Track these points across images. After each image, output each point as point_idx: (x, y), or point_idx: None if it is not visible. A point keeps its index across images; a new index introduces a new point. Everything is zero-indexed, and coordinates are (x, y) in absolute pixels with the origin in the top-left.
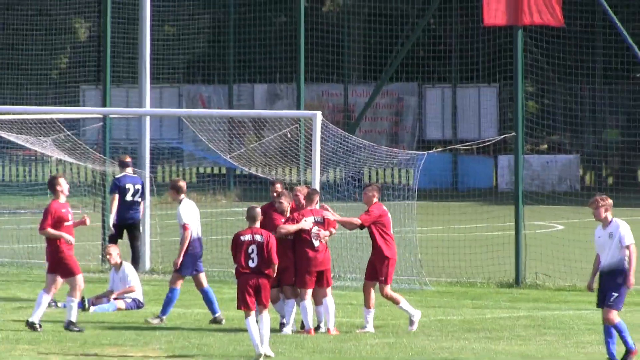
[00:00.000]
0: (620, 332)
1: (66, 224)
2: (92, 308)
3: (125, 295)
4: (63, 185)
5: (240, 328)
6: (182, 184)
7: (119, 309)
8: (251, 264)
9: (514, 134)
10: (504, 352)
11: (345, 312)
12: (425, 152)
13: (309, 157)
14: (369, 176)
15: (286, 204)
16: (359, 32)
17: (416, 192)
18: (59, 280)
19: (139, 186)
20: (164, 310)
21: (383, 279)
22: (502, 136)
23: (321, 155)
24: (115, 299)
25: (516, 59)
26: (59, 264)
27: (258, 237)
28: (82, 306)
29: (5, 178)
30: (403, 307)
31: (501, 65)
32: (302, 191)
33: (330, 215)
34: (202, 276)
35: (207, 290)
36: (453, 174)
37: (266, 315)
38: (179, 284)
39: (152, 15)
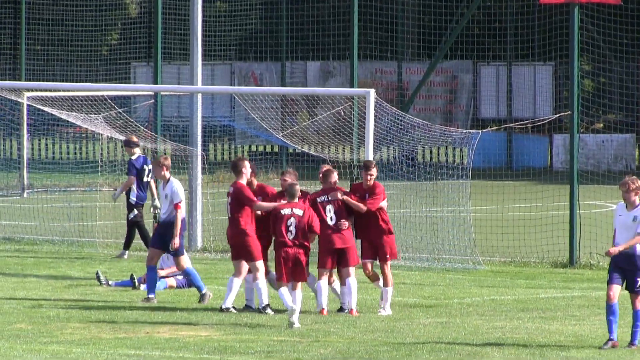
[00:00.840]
0: None
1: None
2: (142, 286)
3: (177, 272)
4: (247, 168)
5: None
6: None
7: (170, 287)
8: (289, 237)
9: (569, 112)
10: (558, 332)
11: (398, 292)
12: (480, 131)
13: (362, 135)
14: (423, 155)
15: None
16: (414, 8)
17: (470, 171)
18: (244, 264)
19: (149, 166)
20: (200, 287)
21: (388, 255)
22: (557, 115)
23: (374, 134)
24: (164, 277)
25: (572, 37)
26: (242, 247)
27: (298, 211)
28: (132, 284)
29: (55, 156)
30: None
31: (557, 43)
32: (290, 175)
33: (339, 195)
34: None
35: (189, 272)
36: (507, 153)
37: (299, 291)
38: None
39: None
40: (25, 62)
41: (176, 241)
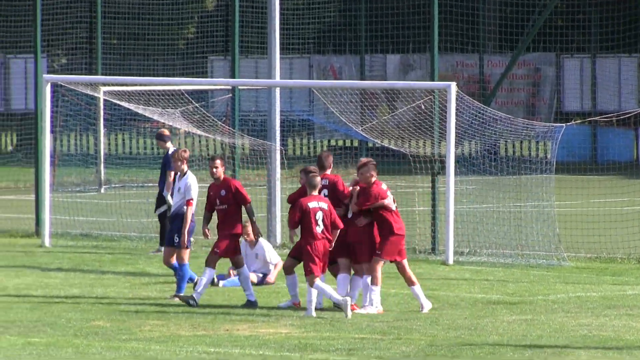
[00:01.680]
0: None
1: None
2: (221, 282)
3: (257, 269)
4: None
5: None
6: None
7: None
8: (318, 230)
9: None
10: None
11: (482, 288)
12: (564, 124)
13: (443, 129)
14: (505, 149)
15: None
16: (495, 0)
17: (554, 166)
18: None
19: None
20: (181, 288)
21: (379, 252)
22: None
23: (456, 128)
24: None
25: None
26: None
27: (323, 205)
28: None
29: (132, 151)
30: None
31: None
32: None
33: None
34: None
35: (183, 269)
36: (592, 146)
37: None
38: (187, 259)
39: None
40: (101, 56)
41: (184, 238)
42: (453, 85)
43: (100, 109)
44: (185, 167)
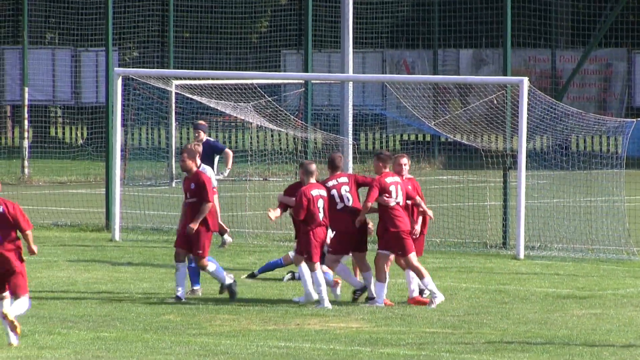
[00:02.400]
0: None
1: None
2: (285, 277)
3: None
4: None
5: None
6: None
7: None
8: (321, 217)
9: None
10: None
11: (552, 283)
12: (634, 120)
13: (515, 124)
14: (577, 144)
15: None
16: None
17: (624, 160)
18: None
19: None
20: (195, 281)
21: (400, 252)
22: None
23: (527, 123)
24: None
25: None
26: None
27: (323, 192)
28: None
29: None
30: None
31: None
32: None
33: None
34: None
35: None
36: None
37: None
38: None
39: None
40: (173, 50)
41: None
42: (525, 80)
43: (172, 102)
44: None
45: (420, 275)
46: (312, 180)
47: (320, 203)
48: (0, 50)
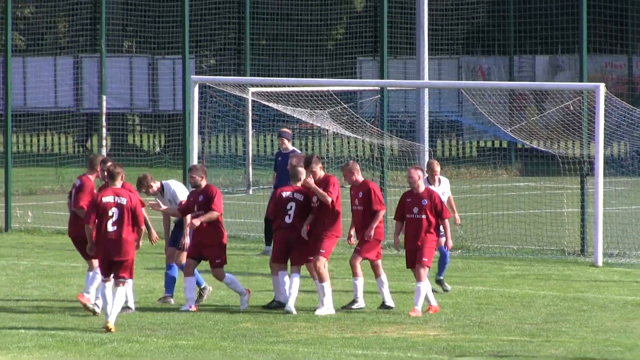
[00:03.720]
0: None
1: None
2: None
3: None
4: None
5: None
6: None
7: None
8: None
9: None
10: None
11: (631, 290)
12: None
13: (592, 130)
14: None
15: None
16: None
17: None
18: None
19: None
20: (170, 288)
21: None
22: None
23: (604, 129)
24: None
25: None
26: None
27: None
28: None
29: None
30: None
31: None
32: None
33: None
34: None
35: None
36: None
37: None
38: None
39: None
40: (250, 57)
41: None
42: (602, 87)
43: (248, 110)
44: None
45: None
46: (295, 183)
47: (290, 205)
48: (78, 58)
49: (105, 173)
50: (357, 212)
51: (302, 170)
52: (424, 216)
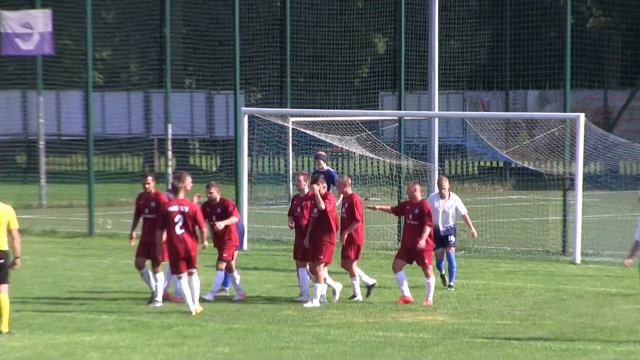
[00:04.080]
0: None
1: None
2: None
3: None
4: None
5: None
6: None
7: None
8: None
9: None
10: None
11: (603, 283)
12: None
13: (573, 152)
14: (624, 168)
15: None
16: (617, 44)
17: None
18: None
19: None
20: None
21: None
22: None
23: (584, 151)
24: None
25: None
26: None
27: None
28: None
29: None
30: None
31: None
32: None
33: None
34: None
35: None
36: None
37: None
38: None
39: (440, 32)
40: (290, 92)
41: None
42: (582, 116)
43: (289, 136)
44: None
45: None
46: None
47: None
48: (148, 93)
49: (170, 187)
50: (344, 219)
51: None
52: (416, 222)
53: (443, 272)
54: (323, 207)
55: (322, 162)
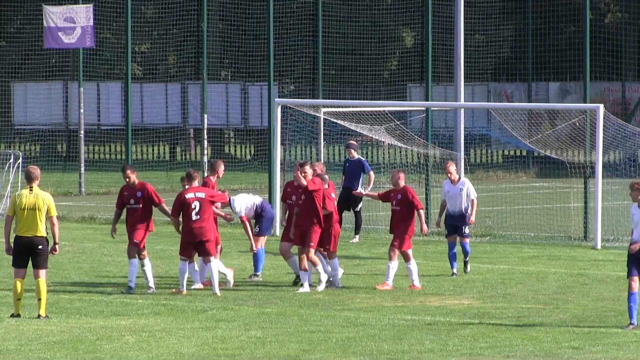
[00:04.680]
0: None
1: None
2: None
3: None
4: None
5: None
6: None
7: None
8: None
9: None
10: None
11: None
12: None
13: (593, 141)
14: None
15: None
16: (634, 39)
17: None
18: None
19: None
20: (257, 268)
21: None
22: None
23: (603, 140)
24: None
25: None
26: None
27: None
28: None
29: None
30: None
31: None
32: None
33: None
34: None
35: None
36: None
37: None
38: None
39: (465, 26)
40: (322, 84)
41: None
42: (601, 107)
43: (320, 126)
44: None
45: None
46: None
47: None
48: (185, 85)
49: (186, 175)
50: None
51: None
52: (398, 207)
53: (455, 264)
54: (304, 183)
55: (353, 151)
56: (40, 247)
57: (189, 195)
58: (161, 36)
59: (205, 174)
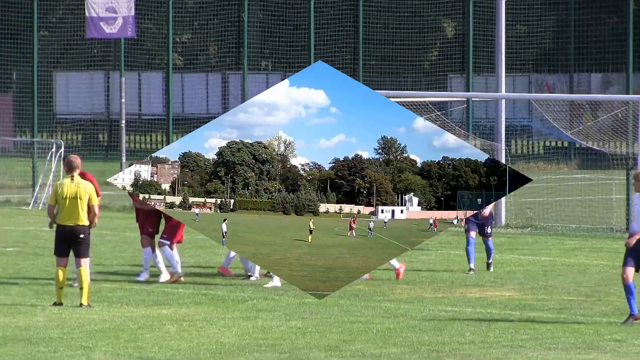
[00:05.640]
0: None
1: None
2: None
3: None
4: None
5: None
6: None
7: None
8: None
9: None
10: None
11: None
12: None
13: (635, 133)
14: None
15: None
16: None
17: None
18: None
19: None
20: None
21: None
22: None
23: None
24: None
25: None
26: None
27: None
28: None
29: None
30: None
31: None
32: None
33: None
34: None
35: None
36: None
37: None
38: None
39: (507, 16)
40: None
41: None
42: None
43: None
44: None
45: None
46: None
47: None
48: (225, 75)
49: None
50: None
51: None
52: None
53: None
54: None
55: None
56: (81, 236)
57: None
58: (202, 26)
59: None
